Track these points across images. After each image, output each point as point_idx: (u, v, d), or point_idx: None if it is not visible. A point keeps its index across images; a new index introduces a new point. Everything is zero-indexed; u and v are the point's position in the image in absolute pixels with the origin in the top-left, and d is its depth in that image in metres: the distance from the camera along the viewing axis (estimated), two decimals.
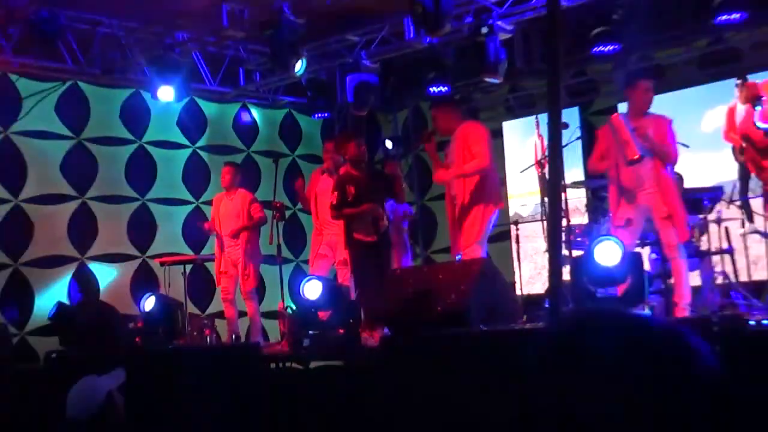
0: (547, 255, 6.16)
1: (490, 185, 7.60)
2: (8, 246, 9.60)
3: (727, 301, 7.32)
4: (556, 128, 4.72)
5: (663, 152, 6.83)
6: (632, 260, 6.32)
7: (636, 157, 6.78)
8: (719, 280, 7.70)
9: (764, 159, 7.02)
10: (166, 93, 9.72)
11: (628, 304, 6.20)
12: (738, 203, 7.97)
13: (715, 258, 7.75)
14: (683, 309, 6.68)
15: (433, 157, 8.18)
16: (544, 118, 7.68)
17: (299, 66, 9.31)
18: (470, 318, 5.48)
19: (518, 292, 8.58)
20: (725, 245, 7.73)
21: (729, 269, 7.77)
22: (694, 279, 7.62)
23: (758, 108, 6.73)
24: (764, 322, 5.50)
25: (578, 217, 8.97)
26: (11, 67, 9.56)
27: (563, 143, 8.32)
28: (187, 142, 11.35)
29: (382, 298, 6.93)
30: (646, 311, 6.59)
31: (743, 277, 7.94)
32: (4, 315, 9.38)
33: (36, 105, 9.92)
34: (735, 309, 7.10)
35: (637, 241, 7.29)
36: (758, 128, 6.86)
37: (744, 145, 7.56)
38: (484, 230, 7.58)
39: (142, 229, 10.76)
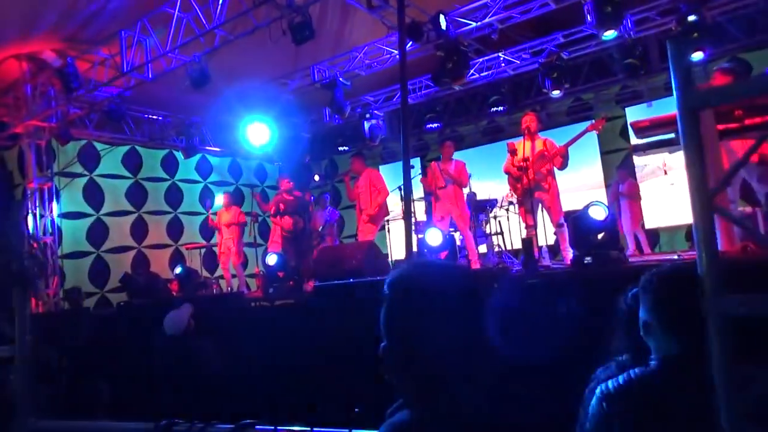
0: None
1: (384, 204, 7.70)
2: (94, 240, 9.70)
3: (501, 260, 7.35)
4: (407, 168, 5.86)
5: (458, 180, 7.02)
6: (448, 240, 6.68)
7: (443, 185, 7.11)
8: (496, 249, 7.84)
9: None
10: (191, 152, 10.09)
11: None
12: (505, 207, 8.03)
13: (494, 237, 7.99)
14: (475, 263, 6.95)
15: (348, 184, 7.97)
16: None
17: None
18: (364, 273, 5.45)
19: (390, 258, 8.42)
20: (498, 230, 8.01)
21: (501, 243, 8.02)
22: (483, 248, 8.05)
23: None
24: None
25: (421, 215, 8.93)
26: (93, 137, 9.77)
27: (413, 176, 9.46)
28: (200, 179, 11.61)
29: (312, 263, 7.00)
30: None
31: (509, 247, 8.09)
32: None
33: (109, 159, 10.18)
34: (505, 264, 6.97)
35: (450, 230, 7.30)
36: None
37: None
38: (377, 227, 7.75)
39: (175, 229, 10.93)
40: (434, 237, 5.64)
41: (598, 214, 4.22)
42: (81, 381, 3.47)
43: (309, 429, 1.71)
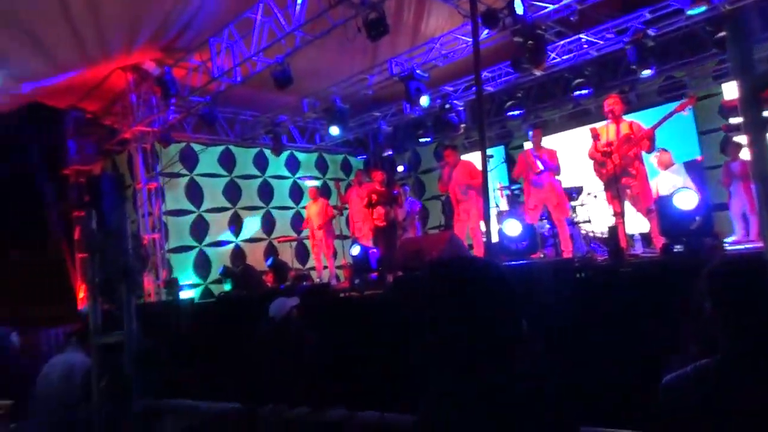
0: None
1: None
2: (197, 235, 10.28)
3: (590, 249, 7.22)
4: (484, 156, 5.85)
5: (554, 167, 6.83)
6: (527, 230, 6.67)
7: (538, 171, 6.93)
8: (584, 237, 7.60)
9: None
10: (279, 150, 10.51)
11: (529, 252, 6.70)
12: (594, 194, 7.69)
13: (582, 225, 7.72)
14: (567, 253, 6.65)
15: (444, 175, 7.59)
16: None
17: (337, 130, 9.55)
18: None
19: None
20: (587, 218, 7.73)
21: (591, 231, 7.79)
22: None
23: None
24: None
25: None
26: (191, 139, 10.41)
27: (495, 166, 9.27)
28: (290, 175, 11.97)
29: (396, 255, 6.96)
30: (541, 256, 6.80)
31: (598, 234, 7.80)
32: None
33: (206, 159, 10.75)
34: (593, 253, 6.93)
35: (544, 220, 7.24)
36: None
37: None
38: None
39: (268, 223, 11.34)
40: (512, 228, 5.51)
41: (687, 200, 3.99)
42: (182, 367, 3.77)
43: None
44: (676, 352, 1.94)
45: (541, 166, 6.83)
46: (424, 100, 8.26)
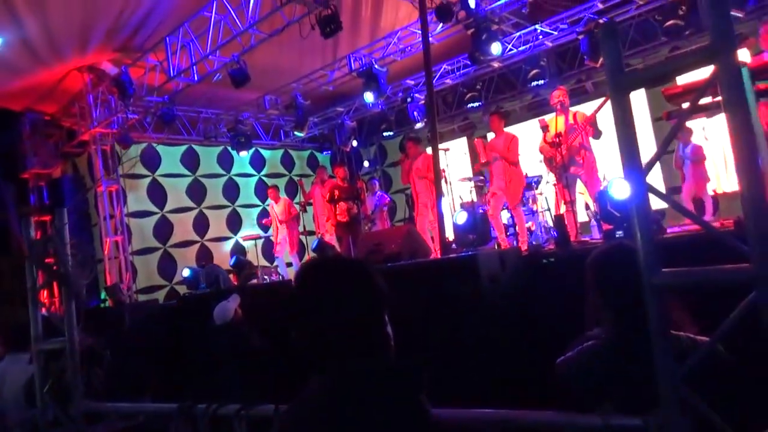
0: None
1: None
2: (160, 236, 10.22)
3: (549, 237, 7.09)
4: (436, 149, 5.90)
5: (504, 156, 6.69)
6: (475, 218, 6.67)
7: (484, 162, 6.97)
8: (544, 226, 7.57)
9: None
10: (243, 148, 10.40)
11: (479, 243, 6.54)
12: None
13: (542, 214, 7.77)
14: (523, 242, 6.69)
15: (405, 167, 7.63)
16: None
17: (302, 131, 9.88)
18: (401, 257, 5.31)
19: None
20: (546, 206, 7.83)
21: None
22: (531, 225, 7.59)
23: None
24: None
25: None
26: (152, 139, 10.30)
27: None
28: (255, 173, 11.95)
29: (356, 249, 7.07)
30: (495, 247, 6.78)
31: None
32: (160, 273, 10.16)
33: (169, 159, 10.67)
34: (539, 242, 6.85)
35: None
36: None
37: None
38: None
39: (234, 222, 11.32)
40: (461, 219, 5.60)
41: (621, 189, 4.14)
42: (128, 368, 3.80)
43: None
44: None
45: (484, 158, 6.87)
46: (369, 96, 8.34)
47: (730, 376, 1.45)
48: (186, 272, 8.20)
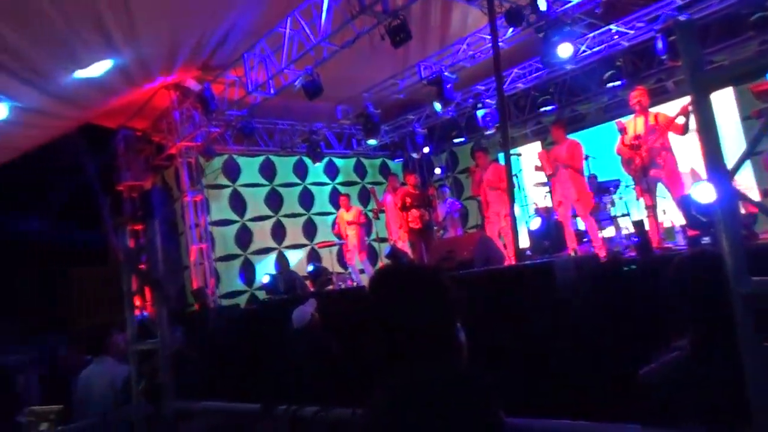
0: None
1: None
2: (241, 244, 10.48)
3: (630, 243, 6.61)
4: (507, 156, 5.85)
5: (569, 164, 6.54)
6: (549, 225, 6.43)
7: (549, 173, 6.74)
8: (624, 231, 7.37)
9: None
10: (317, 157, 10.78)
11: (555, 250, 6.26)
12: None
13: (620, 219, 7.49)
14: (599, 249, 6.38)
15: (476, 178, 7.66)
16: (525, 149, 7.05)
17: (375, 140, 10.11)
18: (474, 264, 5.39)
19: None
20: (625, 211, 7.47)
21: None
22: (611, 232, 7.53)
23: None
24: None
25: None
26: (232, 151, 10.75)
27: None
28: (329, 181, 12.20)
29: (428, 256, 7.08)
30: (572, 254, 6.42)
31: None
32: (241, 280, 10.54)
33: (248, 169, 11.03)
34: (619, 249, 6.51)
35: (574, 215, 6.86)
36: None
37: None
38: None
39: (309, 230, 11.59)
40: (535, 225, 5.46)
41: (704, 193, 3.92)
42: (214, 369, 3.99)
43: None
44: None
45: (547, 170, 6.71)
46: (438, 106, 8.37)
47: None
48: (266, 279, 8.49)
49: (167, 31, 7.06)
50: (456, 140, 10.72)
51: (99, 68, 7.27)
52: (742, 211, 5.46)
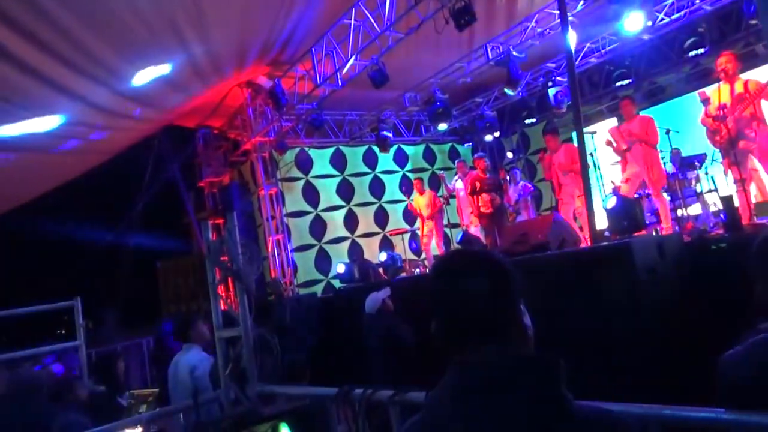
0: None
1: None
2: (315, 234, 10.80)
3: (716, 220, 6.37)
4: (581, 136, 5.64)
5: (643, 139, 6.32)
6: (625, 204, 5.62)
7: (621, 149, 6.57)
8: (712, 208, 7.07)
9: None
10: (385, 146, 10.59)
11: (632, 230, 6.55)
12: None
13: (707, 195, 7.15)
14: (668, 229, 6.23)
15: (545, 162, 7.64)
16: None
17: (444, 125, 10.14)
18: (548, 247, 5.23)
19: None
20: (712, 187, 7.12)
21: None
22: (697, 209, 7.23)
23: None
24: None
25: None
26: (304, 144, 10.99)
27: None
28: (399, 169, 12.24)
29: (501, 240, 6.89)
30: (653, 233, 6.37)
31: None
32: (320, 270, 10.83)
33: (319, 161, 11.30)
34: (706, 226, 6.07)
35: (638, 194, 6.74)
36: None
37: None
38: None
39: (381, 218, 11.70)
40: (610, 202, 5.23)
41: None
42: (290, 354, 4.15)
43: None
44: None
45: (623, 146, 6.46)
46: (510, 90, 8.28)
47: None
48: (341, 268, 8.69)
49: (237, 29, 7.29)
50: (527, 121, 10.39)
51: (171, 68, 7.60)
52: None
